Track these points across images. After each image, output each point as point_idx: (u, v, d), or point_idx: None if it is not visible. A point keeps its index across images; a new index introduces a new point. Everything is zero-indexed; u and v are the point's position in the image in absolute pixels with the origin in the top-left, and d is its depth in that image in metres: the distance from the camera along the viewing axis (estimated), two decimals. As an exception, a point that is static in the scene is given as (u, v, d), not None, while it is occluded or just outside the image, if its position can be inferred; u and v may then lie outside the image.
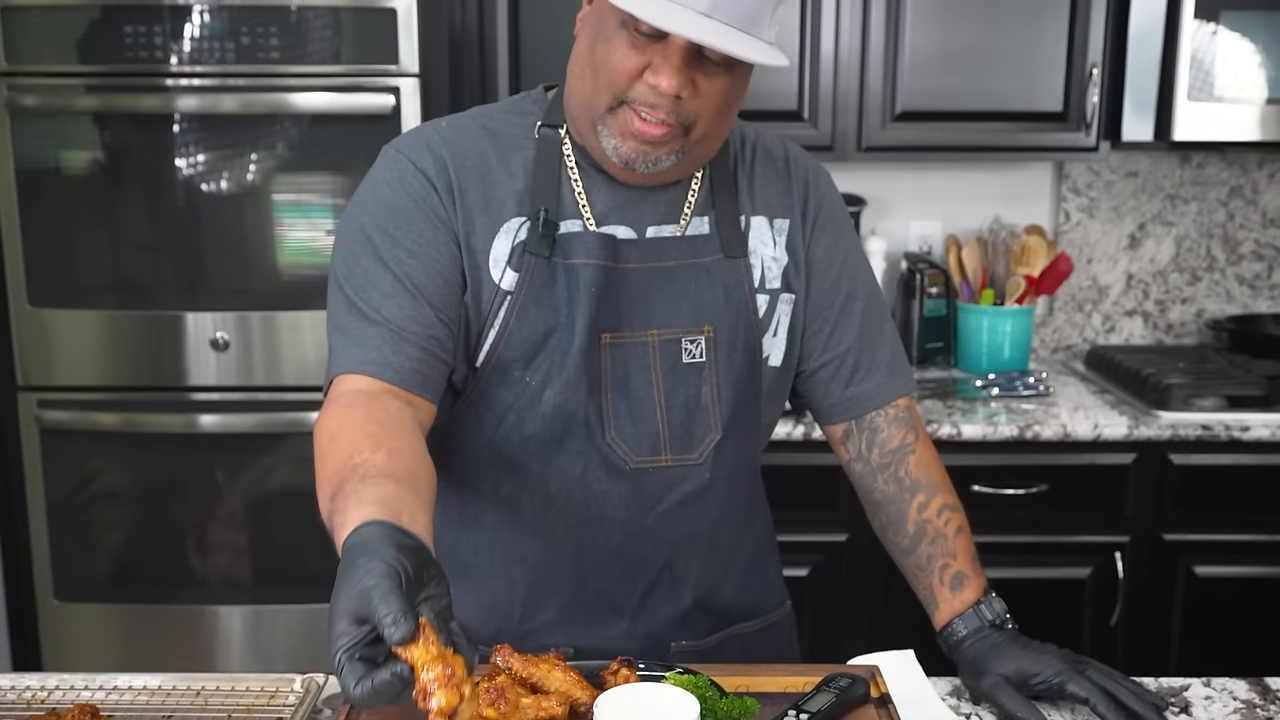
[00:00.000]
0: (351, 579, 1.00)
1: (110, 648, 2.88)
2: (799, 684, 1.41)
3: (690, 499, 1.48)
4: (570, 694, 1.25)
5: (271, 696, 1.43)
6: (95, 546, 2.86)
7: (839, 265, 1.54)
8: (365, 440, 1.21)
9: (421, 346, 1.35)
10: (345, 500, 1.12)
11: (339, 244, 1.42)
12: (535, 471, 1.45)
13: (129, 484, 2.86)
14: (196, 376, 2.78)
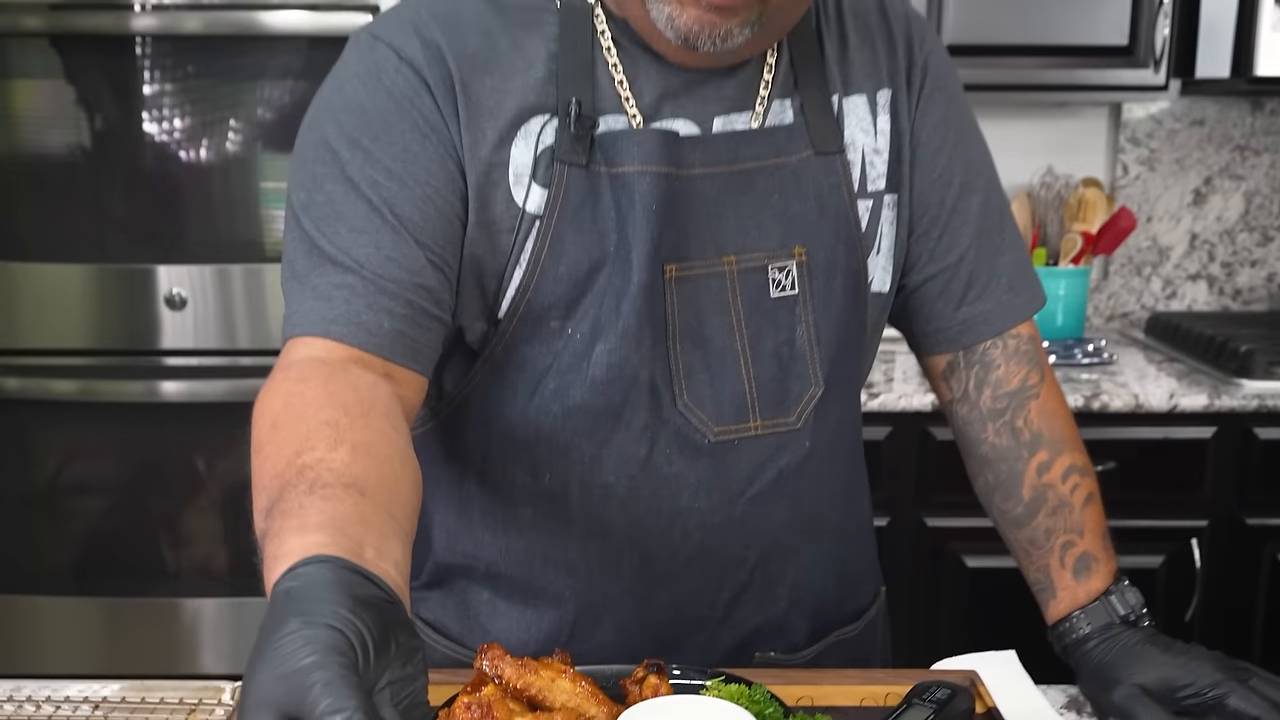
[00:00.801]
0: (278, 650, 0.67)
1: (61, 645, 2.55)
2: (878, 695, 1.08)
3: (788, 476, 1.15)
4: (581, 710, 0.93)
5: (191, 711, 1.10)
6: (45, 532, 2.54)
7: (951, 147, 1.20)
8: (320, 431, 0.87)
9: (406, 300, 1.01)
10: (284, 519, 0.79)
11: (296, 163, 1.08)
12: (586, 453, 1.11)
13: (83, 459, 2.53)
14: (153, 339, 2.46)
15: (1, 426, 2.50)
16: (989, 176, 1.24)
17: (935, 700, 1.02)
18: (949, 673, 1.12)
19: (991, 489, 1.24)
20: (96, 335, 2.47)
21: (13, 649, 2.55)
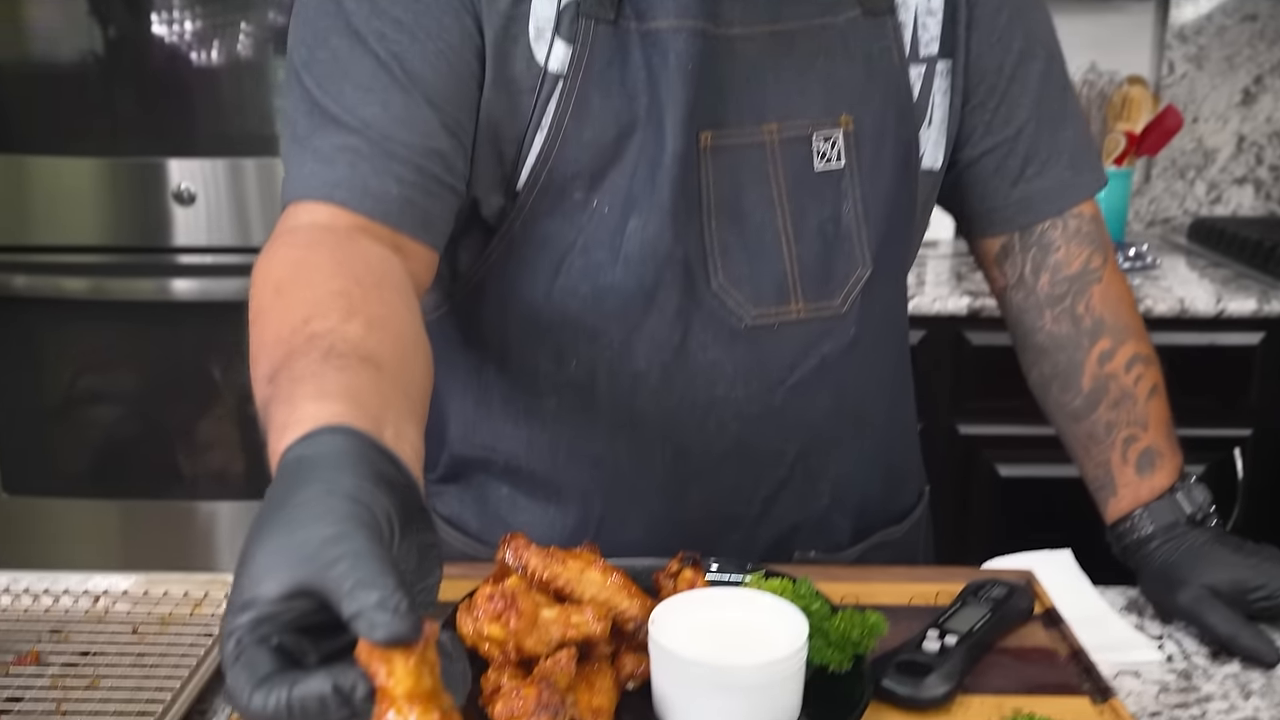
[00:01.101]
0: (295, 516, 0.58)
1: (71, 548, 2.52)
2: (928, 594, 1.01)
3: (831, 364, 1.06)
4: (612, 603, 0.85)
5: (196, 604, 1.04)
6: (58, 434, 2.48)
7: (1011, 9, 1.10)
8: (331, 301, 0.78)
9: (416, 165, 0.92)
10: (296, 384, 0.70)
11: (298, 18, 0.98)
12: (615, 339, 1.03)
13: (91, 360, 2.47)
14: (164, 236, 2.37)
15: (12, 326, 2.43)
16: (1050, 44, 1.14)
17: (991, 598, 0.95)
18: (1003, 572, 1.04)
19: (1048, 381, 1.16)
20: (107, 232, 2.40)
21: (29, 551, 2.51)
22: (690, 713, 0.79)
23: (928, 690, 0.84)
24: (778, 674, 0.78)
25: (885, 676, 0.84)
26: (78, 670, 0.93)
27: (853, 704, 0.80)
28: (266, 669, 0.54)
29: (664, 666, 0.79)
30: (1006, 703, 0.85)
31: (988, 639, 0.91)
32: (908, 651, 0.87)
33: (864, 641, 0.85)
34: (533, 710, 0.74)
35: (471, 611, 0.80)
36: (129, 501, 2.52)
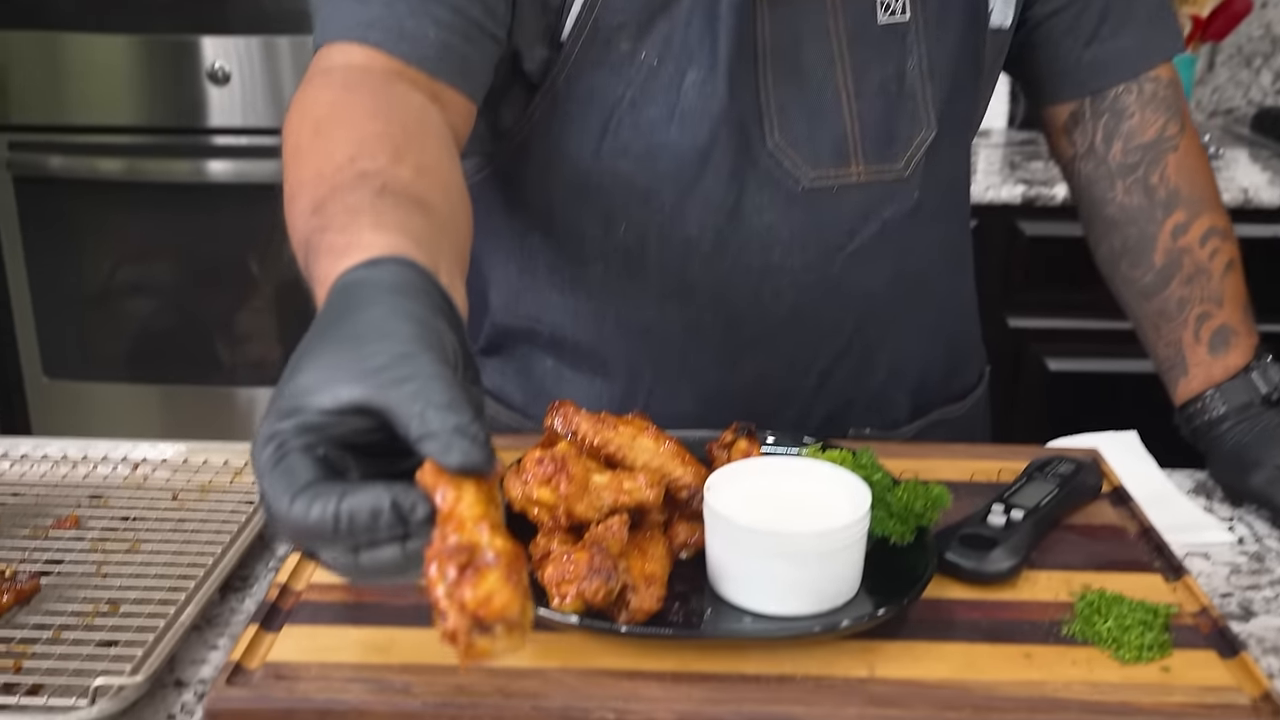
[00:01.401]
0: (359, 332, 0.54)
1: (109, 432, 2.51)
2: (990, 471, 0.97)
3: (892, 231, 1.01)
4: (665, 470, 0.82)
5: (237, 473, 1.01)
6: (95, 317, 2.47)
7: None
8: (376, 142, 0.73)
9: (455, 7, 0.86)
10: (352, 214, 0.66)
11: None
12: (666, 202, 0.98)
13: (128, 244, 2.45)
14: (199, 117, 2.33)
15: (49, 209, 2.41)
16: None
17: (1058, 475, 0.91)
18: (1069, 450, 1.00)
19: (1117, 256, 1.11)
20: (141, 112, 2.35)
21: (68, 434, 2.52)
22: (747, 581, 0.76)
23: (993, 564, 0.80)
24: (838, 542, 0.74)
25: (948, 550, 0.81)
26: (118, 535, 0.91)
27: (915, 577, 0.77)
28: (309, 476, 0.51)
29: (720, 533, 0.76)
30: (1075, 578, 0.81)
31: (1054, 515, 0.88)
32: (972, 525, 0.84)
33: (927, 513, 0.81)
34: (584, 574, 0.71)
35: (521, 475, 0.77)
36: (167, 386, 2.52)
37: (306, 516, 0.50)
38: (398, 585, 0.55)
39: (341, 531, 0.50)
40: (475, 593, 0.48)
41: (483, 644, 0.49)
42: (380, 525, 0.50)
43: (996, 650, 0.74)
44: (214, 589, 0.83)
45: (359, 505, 0.50)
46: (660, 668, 0.71)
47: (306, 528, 0.50)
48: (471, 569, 0.49)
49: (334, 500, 0.50)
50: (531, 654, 0.72)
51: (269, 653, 0.73)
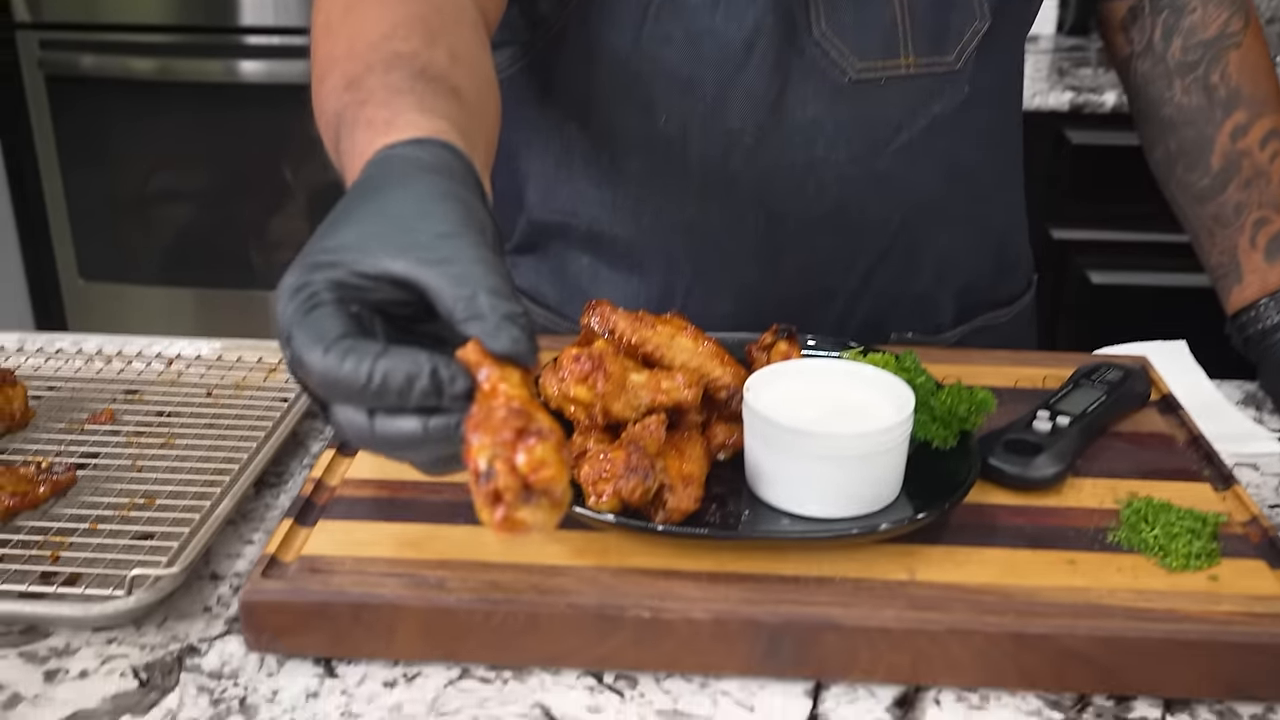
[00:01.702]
0: (403, 206, 0.53)
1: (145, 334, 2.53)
2: (1035, 378, 0.95)
3: (941, 126, 0.98)
4: (704, 370, 0.81)
5: (271, 370, 1.01)
6: (128, 219, 2.47)
7: None
8: (410, 25, 0.71)
9: None
10: (394, 93, 0.64)
11: None
12: (708, 92, 0.95)
13: (162, 147, 2.43)
14: (232, 16, 2.29)
15: (83, 109, 2.39)
16: None
17: (1106, 381, 0.89)
18: (1117, 357, 0.98)
19: (1173, 158, 1.07)
20: (172, 11, 2.32)
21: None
22: (786, 483, 0.74)
23: (1037, 470, 0.78)
24: (880, 445, 0.73)
25: (992, 455, 0.79)
26: (152, 430, 0.91)
27: (957, 482, 0.76)
28: (342, 329, 0.50)
29: (759, 434, 0.75)
30: (1121, 486, 0.80)
31: (1101, 422, 0.86)
32: (1017, 430, 0.82)
33: (971, 418, 0.80)
34: (621, 472, 0.70)
35: (557, 373, 0.76)
36: (201, 290, 2.52)
37: (339, 369, 0.49)
38: (416, 468, 0.54)
39: (371, 390, 0.48)
40: (529, 457, 0.47)
41: (524, 513, 0.48)
42: (414, 390, 0.49)
43: (1039, 556, 0.72)
44: (248, 484, 0.83)
45: (396, 366, 0.48)
46: (696, 568, 0.70)
47: (336, 380, 0.49)
48: (525, 435, 0.48)
49: (370, 358, 0.48)
50: (566, 551, 0.72)
51: (304, 546, 0.72)
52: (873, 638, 0.66)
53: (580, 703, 0.67)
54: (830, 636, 0.66)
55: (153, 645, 0.71)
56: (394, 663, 0.69)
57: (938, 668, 0.67)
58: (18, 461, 0.84)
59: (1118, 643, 0.65)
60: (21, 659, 0.70)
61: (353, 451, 0.83)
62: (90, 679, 0.68)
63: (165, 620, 0.73)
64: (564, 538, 0.73)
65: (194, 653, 0.70)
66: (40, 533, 0.77)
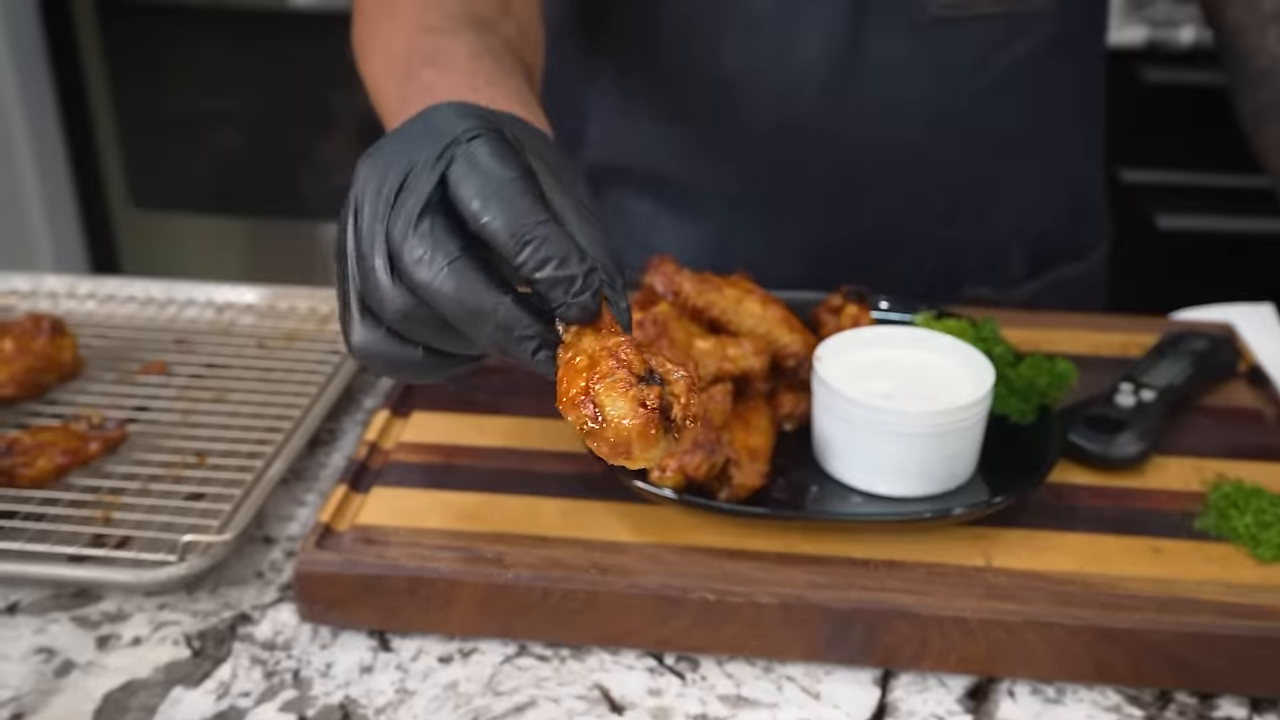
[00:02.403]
0: (478, 147, 0.48)
1: (197, 263, 2.52)
2: (1114, 344, 0.91)
3: (1024, 67, 0.94)
4: (771, 337, 0.77)
5: (323, 320, 0.99)
6: (177, 149, 2.44)
7: None
8: None
9: None
10: (476, 59, 0.64)
11: None
12: (777, 26, 0.91)
13: (212, 76, 2.40)
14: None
15: (133, 37, 2.36)
16: None
17: (1191, 351, 0.84)
18: (1201, 324, 0.93)
19: (1263, 113, 1.01)
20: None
21: (157, 265, 2.53)
22: (856, 459, 0.71)
23: (1120, 448, 0.75)
24: (957, 422, 0.69)
25: (1072, 431, 0.76)
26: (203, 383, 0.89)
27: (1035, 460, 0.72)
28: (439, 243, 0.46)
29: (829, 408, 0.72)
30: (1206, 466, 0.76)
31: (1186, 396, 0.82)
32: (1098, 405, 0.78)
33: (1051, 391, 0.76)
34: (687, 447, 0.67)
35: (617, 339, 0.73)
36: (253, 220, 2.50)
37: (466, 301, 0.46)
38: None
39: (491, 329, 0.46)
40: (685, 387, 0.46)
41: (653, 444, 0.45)
42: (526, 341, 0.47)
43: (1122, 542, 0.69)
44: (302, 443, 0.81)
45: (520, 315, 0.46)
46: (762, 548, 0.68)
47: (453, 309, 0.46)
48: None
49: (507, 297, 0.46)
50: (627, 527, 0.69)
51: (358, 515, 0.71)
52: (946, 627, 0.64)
53: (640, 685, 0.65)
54: (901, 625, 0.64)
55: (205, 612, 0.70)
56: (450, 637, 0.68)
57: (1013, 659, 0.64)
58: (68, 415, 0.82)
59: (1205, 640, 0.62)
60: (74, 624, 0.69)
61: (406, 412, 0.81)
62: (143, 646, 0.67)
63: (218, 586, 0.72)
64: (626, 511, 0.71)
65: (246, 621, 0.69)
66: (91, 492, 0.76)
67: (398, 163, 0.48)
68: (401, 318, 0.48)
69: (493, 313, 0.46)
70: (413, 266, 0.46)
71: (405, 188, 0.47)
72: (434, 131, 0.48)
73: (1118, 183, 2.22)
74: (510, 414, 0.80)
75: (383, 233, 0.47)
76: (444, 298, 0.46)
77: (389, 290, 0.47)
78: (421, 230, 0.46)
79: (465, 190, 0.46)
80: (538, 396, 0.81)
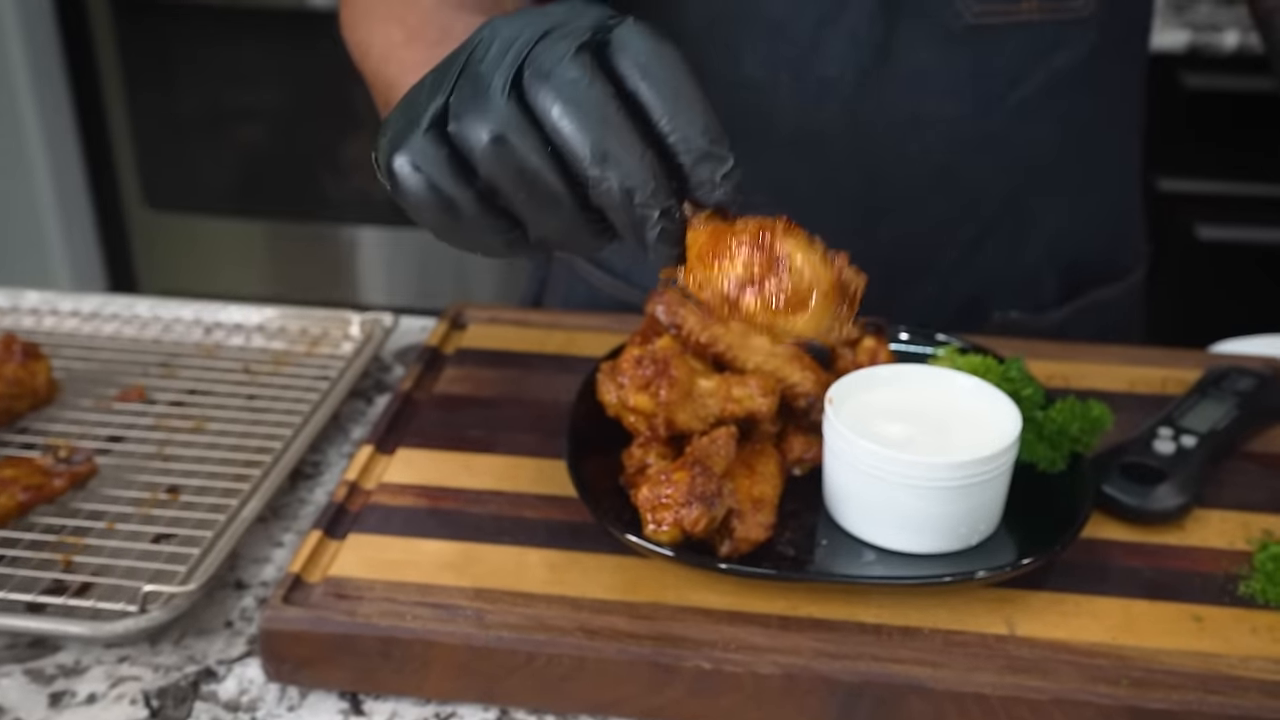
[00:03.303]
0: None
1: (214, 267, 2.49)
2: (1152, 380, 0.85)
3: (1064, 80, 0.88)
4: (780, 374, 0.72)
5: (314, 343, 0.94)
6: (193, 149, 2.41)
7: None
8: None
9: None
10: None
11: None
12: (802, 34, 0.85)
13: (230, 75, 2.36)
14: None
15: (150, 36, 2.33)
16: None
17: (1237, 391, 0.78)
18: (1244, 359, 0.87)
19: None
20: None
21: (172, 268, 2.50)
22: (870, 512, 0.66)
23: (1159, 501, 0.69)
24: (980, 475, 0.64)
25: (1107, 481, 0.70)
26: (183, 410, 0.84)
27: (1065, 513, 0.66)
28: (613, 90, 0.48)
29: (840, 455, 0.66)
30: (1254, 521, 0.70)
31: (1231, 441, 0.75)
32: (1135, 452, 0.72)
33: (1084, 438, 0.70)
34: (684, 499, 0.62)
35: (615, 377, 0.68)
36: (271, 223, 2.46)
37: (602, 124, 0.46)
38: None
39: (626, 175, 0.47)
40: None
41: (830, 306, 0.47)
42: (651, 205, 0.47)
43: (1159, 610, 0.63)
44: (281, 479, 0.76)
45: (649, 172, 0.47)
46: (765, 609, 0.62)
47: (592, 135, 0.46)
48: None
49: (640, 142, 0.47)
50: (619, 584, 0.64)
51: (331, 565, 0.66)
52: (964, 703, 0.58)
53: (630, 759, 0.60)
54: (915, 700, 0.58)
55: (167, 667, 0.65)
56: (426, 700, 0.63)
57: (1038, 740, 0.58)
58: (39, 445, 0.78)
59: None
60: (27, 678, 0.64)
61: (392, 448, 0.76)
62: (98, 704, 0.63)
63: (183, 637, 0.67)
64: (619, 565, 0.65)
65: (211, 677, 0.64)
66: (53, 531, 0.71)
67: (535, 22, 0.48)
68: (494, 141, 0.46)
69: (626, 161, 0.46)
70: (558, 85, 0.46)
71: (553, 32, 0.47)
72: (577, 9, 0.49)
73: (1156, 192, 2.15)
74: (503, 452, 0.75)
75: (515, 57, 0.47)
76: (580, 126, 0.46)
77: (497, 101, 0.46)
78: (581, 60, 0.46)
79: (629, 50, 0.47)
80: (534, 433, 0.77)
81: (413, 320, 1.00)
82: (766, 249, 0.46)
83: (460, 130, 0.47)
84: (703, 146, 0.47)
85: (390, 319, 0.95)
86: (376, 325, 0.94)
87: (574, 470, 0.68)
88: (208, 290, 2.48)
